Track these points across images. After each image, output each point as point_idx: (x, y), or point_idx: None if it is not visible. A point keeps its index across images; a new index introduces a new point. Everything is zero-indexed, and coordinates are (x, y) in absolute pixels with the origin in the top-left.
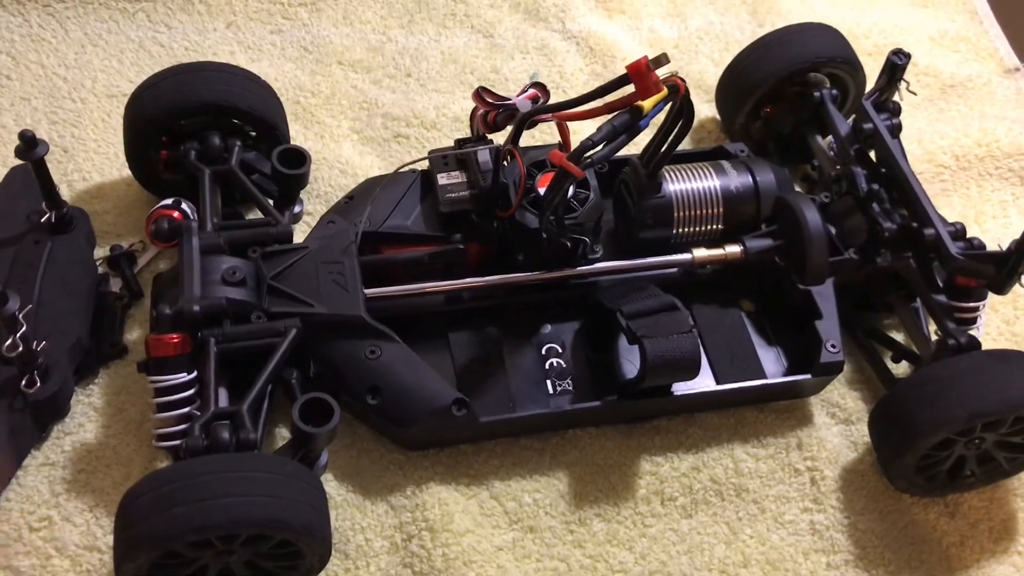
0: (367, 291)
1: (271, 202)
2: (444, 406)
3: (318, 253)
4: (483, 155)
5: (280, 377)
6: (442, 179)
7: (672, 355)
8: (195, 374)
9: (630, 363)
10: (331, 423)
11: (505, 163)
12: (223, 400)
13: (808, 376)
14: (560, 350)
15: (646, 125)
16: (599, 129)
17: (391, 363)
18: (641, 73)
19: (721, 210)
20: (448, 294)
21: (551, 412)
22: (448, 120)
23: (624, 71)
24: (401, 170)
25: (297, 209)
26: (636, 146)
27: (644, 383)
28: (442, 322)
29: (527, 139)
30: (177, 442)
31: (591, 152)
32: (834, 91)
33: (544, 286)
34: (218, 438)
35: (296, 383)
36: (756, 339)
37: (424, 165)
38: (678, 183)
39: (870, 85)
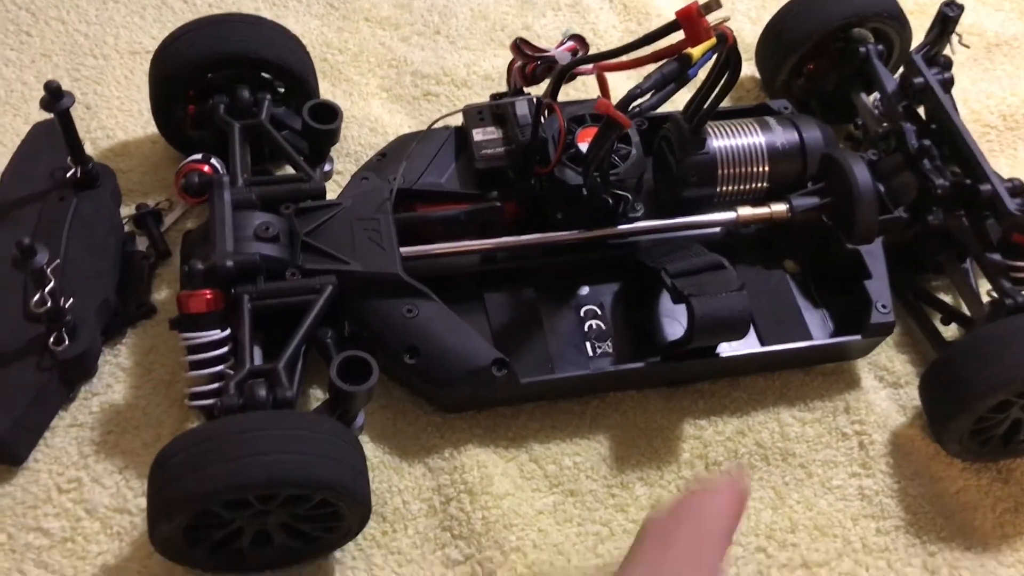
0: (403, 249)
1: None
2: (484, 366)
3: (352, 210)
4: (521, 108)
5: (314, 337)
6: (477, 135)
7: (721, 314)
8: (228, 332)
9: (674, 324)
10: (370, 381)
11: (543, 118)
12: (257, 359)
13: (858, 337)
14: (599, 312)
15: (695, 74)
16: (647, 77)
17: (429, 322)
18: (692, 18)
19: (766, 168)
20: (484, 253)
21: (592, 374)
22: (479, 78)
23: (661, 25)
24: (436, 125)
25: (327, 168)
26: (676, 103)
27: (691, 343)
28: (478, 283)
29: (562, 95)
30: (210, 401)
31: (639, 101)
32: (879, 47)
33: (583, 245)
34: (255, 396)
35: (331, 342)
36: (801, 301)
37: (458, 120)
38: (722, 139)
39: (915, 43)
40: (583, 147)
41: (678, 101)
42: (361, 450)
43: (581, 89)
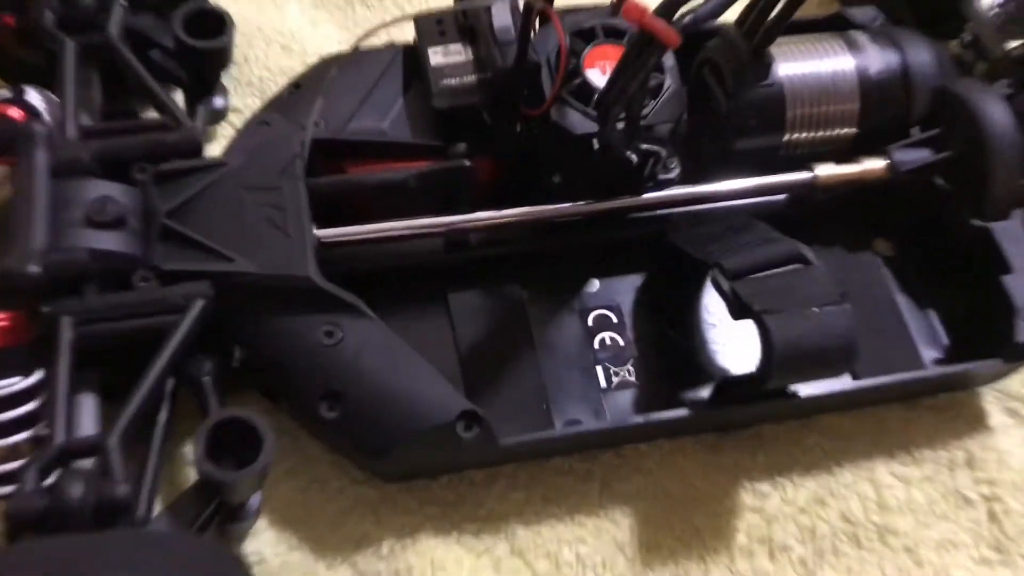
0: (321, 233)
1: (179, 97)
2: (444, 423)
3: (243, 174)
4: (500, 14)
5: (185, 373)
6: (436, 57)
7: (813, 343)
8: (40, 376)
9: (728, 338)
10: (258, 463)
11: (533, 31)
12: (87, 420)
13: (995, 362)
14: (615, 320)
15: None
16: None
17: (359, 352)
18: None
19: (857, 106)
20: (448, 236)
21: (609, 428)
22: None
23: None
24: (366, 39)
25: (219, 103)
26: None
27: (766, 385)
28: (440, 279)
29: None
30: (10, 490)
31: (692, 4)
32: None
33: (593, 223)
34: (66, 497)
35: (211, 380)
36: (899, 297)
37: (408, 34)
38: (793, 64)
39: None
40: (594, 76)
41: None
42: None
43: None
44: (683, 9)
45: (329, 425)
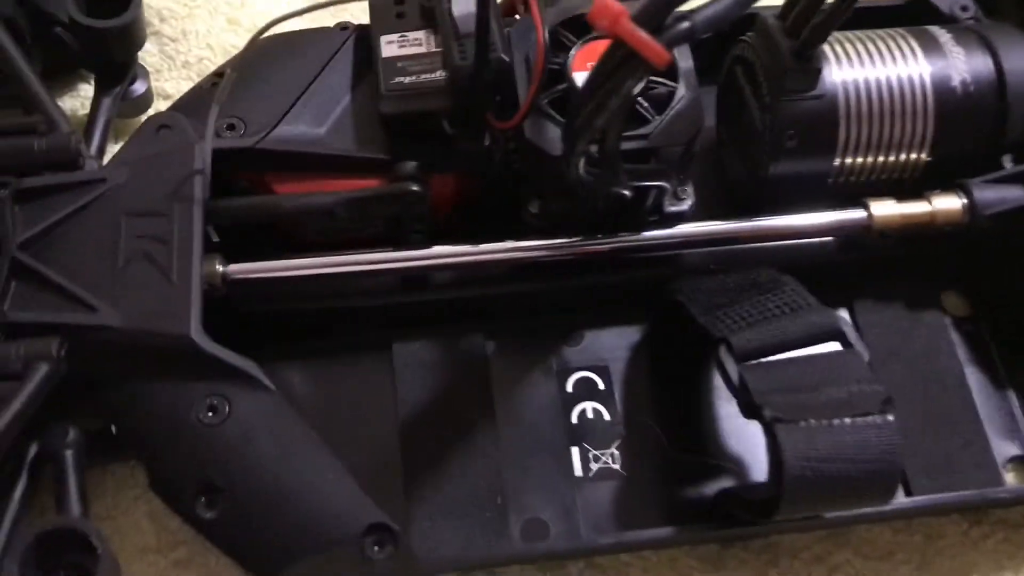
0: (232, 268)
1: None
2: (347, 539)
3: (126, 194)
4: (463, 1)
5: (41, 444)
6: (388, 47)
7: (838, 468)
8: None
9: (743, 438)
10: None
11: (518, 18)
12: None
13: None
14: (601, 386)
15: None
16: None
17: (248, 435)
18: None
19: (931, 126)
20: (404, 274)
21: (576, 547)
22: None
23: None
24: (304, 15)
25: (139, 90)
26: None
27: (774, 515)
28: (383, 323)
29: None
30: None
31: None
32: None
33: (579, 264)
34: None
35: (73, 455)
36: (972, 372)
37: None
38: (850, 68)
39: None
40: (582, 78)
41: None
42: None
43: None
44: (678, 11)
45: (206, 526)
